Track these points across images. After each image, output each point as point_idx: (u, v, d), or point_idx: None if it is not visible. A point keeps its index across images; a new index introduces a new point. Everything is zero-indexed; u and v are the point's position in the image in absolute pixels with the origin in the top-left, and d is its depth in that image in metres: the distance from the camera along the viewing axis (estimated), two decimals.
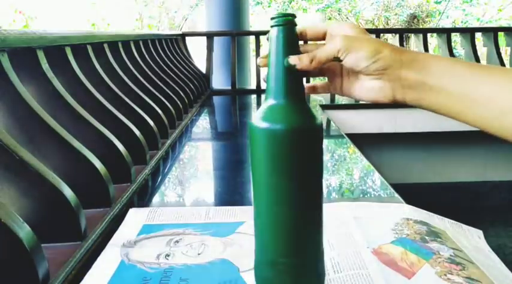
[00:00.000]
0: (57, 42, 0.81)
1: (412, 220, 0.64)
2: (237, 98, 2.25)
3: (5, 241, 0.46)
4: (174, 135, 1.27)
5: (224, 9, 2.79)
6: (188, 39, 2.44)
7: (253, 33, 2.65)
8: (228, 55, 2.48)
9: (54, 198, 0.58)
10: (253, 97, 2.28)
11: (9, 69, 0.63)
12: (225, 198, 0.88)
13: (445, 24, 8.10)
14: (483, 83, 0.39)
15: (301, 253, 0.44)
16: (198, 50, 2.88)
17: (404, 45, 2.98)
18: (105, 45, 1.10)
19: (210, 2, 2.86)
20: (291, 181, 0.42)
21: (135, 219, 0.68)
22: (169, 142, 1.19)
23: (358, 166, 1.10)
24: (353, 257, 0.54)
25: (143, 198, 0.84)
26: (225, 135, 1.53)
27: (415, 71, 0.41)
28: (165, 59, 1.76)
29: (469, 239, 0.63)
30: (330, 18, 8.86)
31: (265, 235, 0.44)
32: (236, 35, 2.43)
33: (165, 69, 1.65)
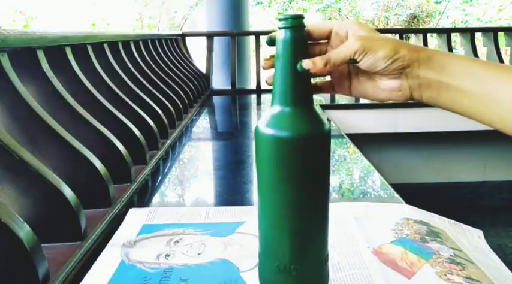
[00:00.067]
0: (57, 42, 0.81)
1: (412, 220, 0.64)
2: (237, 98, 2.25)
3: (5, 241, 0.46)
4: (174, 135, 1.27)
5: (224, 9, 2.79)
6: (188, 39, 2.44)
7: (253, 33, 2.65)
8: (228, 55, 2.48)
9: (54, 198, 0.58)
10: (253, 97, 2.28)
11: (9, 69, 0.63)
12: (225, 198, 0.88)
13: (445, 24, 8.09)
14: (502, 83, 0.39)
15: (307, 258, 0.43)
16: (198, 50, 2.89)
17: None
18: (105, 45, 1.10)
19: (210, 2, 2.86)
20: (298, 187, 0.41)
21: (135, 219, 0.68)
22: (169, 142, 1.19)
23: (358, 166, 1.10)
24: (353, 257, 0.54)
25: (143, 198, 0.84)
26: (225, 135, 1.53)
27: (434, 70, 0.41)
28: (165, 59, 1.76)
29: (469, 239, 0.63)
30: (330, 18, 8.86)
31: (270, 240, 0.44)
32: (236, 35, 2.43)
33: (165, 69, 1.65)
